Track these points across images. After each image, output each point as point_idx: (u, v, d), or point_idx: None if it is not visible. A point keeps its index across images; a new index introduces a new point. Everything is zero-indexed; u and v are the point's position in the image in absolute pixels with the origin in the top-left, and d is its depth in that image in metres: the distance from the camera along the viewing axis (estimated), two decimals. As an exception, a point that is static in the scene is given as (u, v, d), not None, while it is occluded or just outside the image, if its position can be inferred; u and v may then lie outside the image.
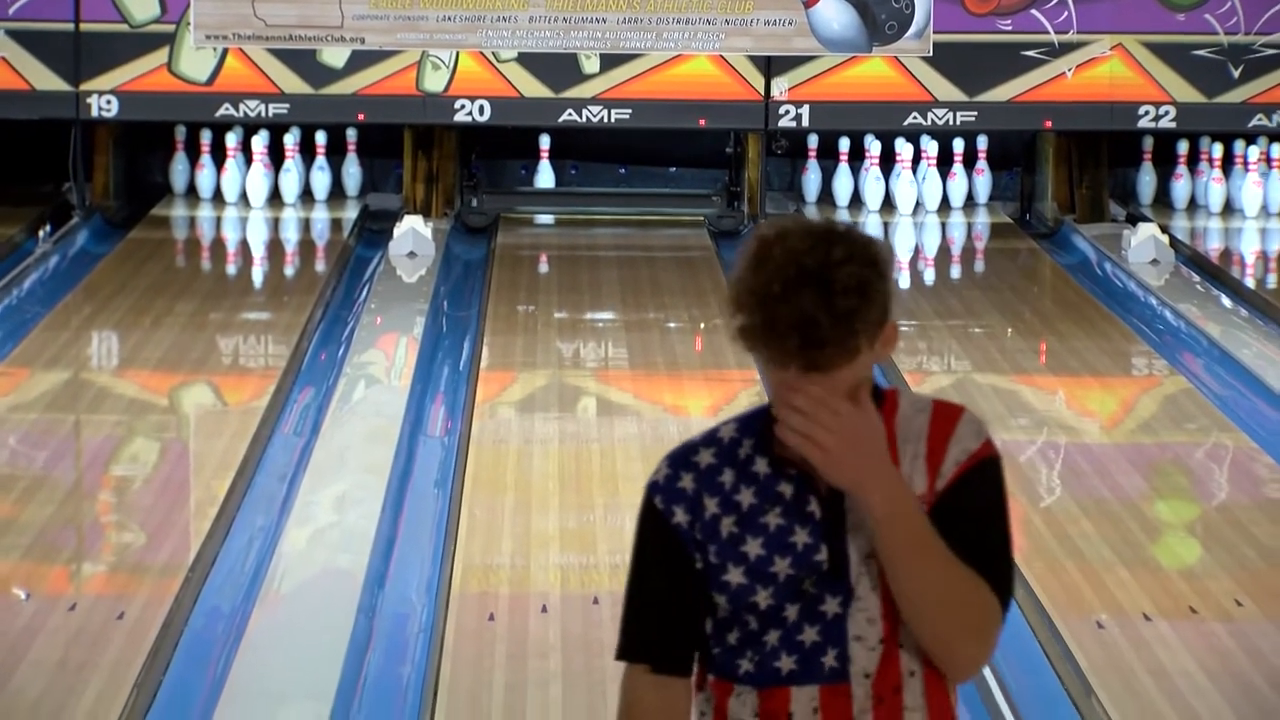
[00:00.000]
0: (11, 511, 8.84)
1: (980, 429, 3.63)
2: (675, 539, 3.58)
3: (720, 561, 3.53)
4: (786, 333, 3.40)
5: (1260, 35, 14.16)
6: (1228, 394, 10.82)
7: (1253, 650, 7.40)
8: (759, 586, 3.51)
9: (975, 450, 3.59)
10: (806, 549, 3.51)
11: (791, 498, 3.54)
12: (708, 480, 3.60)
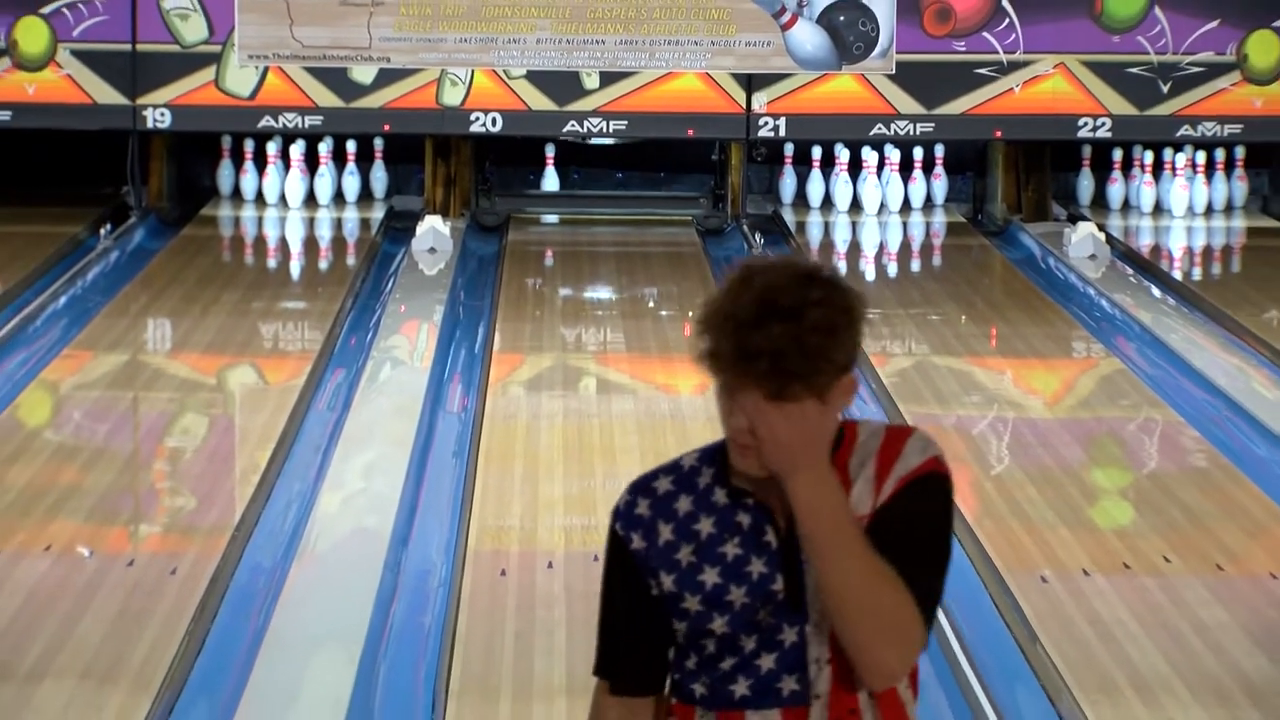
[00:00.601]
0: (76, 478, 8.83)
1: (926, 447, 3.43)
2: (634, 564, 3.41)
3: (678, 589, 3.35)
4: (757, 357, 3.23)
5: (1186, 55, 14.15)
6: (1157, 374, 10.81)
7: (1179, 601, 7.39)
8: (715, 614, 3.33)
9: (917, 466, 3.38)
10: (763, 579, 3.32)
11: (749, 528, 3.35)
12: (663, 507, 3.40)
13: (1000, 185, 14.79)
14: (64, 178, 14.75)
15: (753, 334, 3.22)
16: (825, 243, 14.38)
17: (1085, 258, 13.29)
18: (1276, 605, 7.39)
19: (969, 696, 6.47)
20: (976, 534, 8.01)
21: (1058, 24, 14.17)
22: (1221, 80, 14.22)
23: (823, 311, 3.25)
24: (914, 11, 14.07)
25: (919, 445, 3.42)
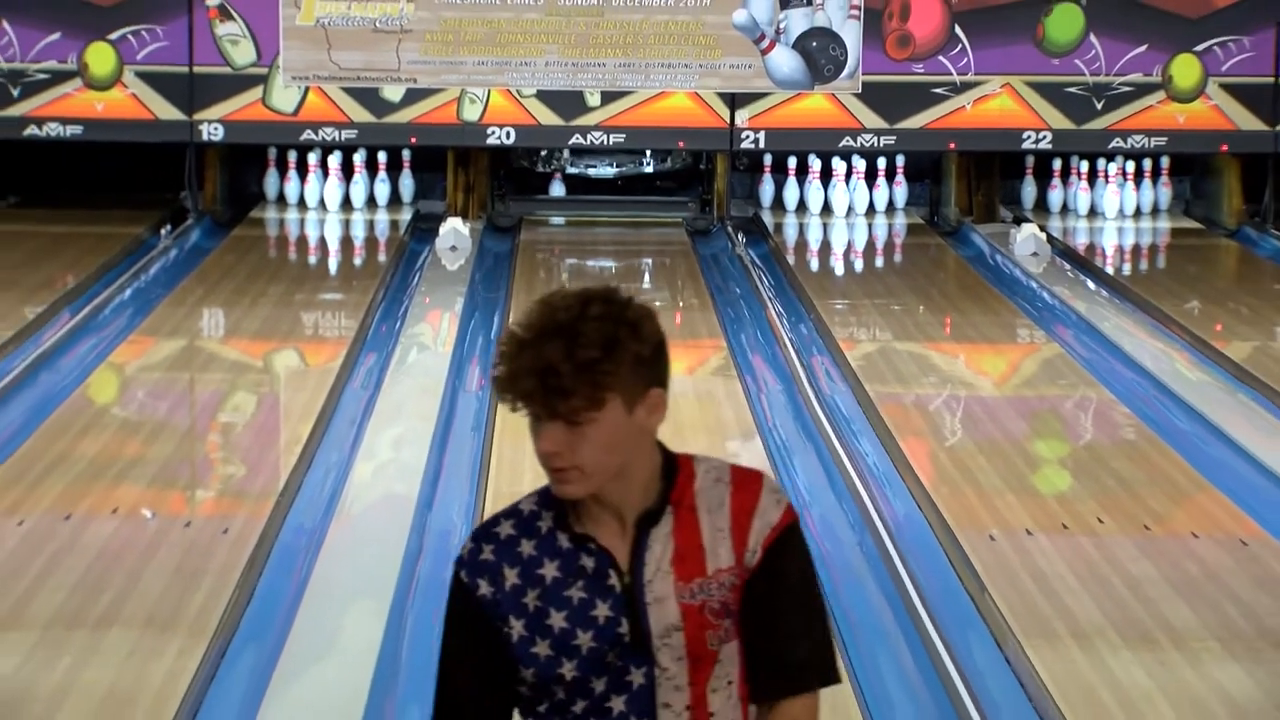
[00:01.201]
0: (139, 450, 8.82)
1: (779, 496, 3.18)
2: (481, 611, 3.10)
3: (528, 633, 3.07)
4: (526, 377, 2.98)
5: (1117, 76, 14.14)
6: (1092, 357, 10.81)
7: (1111, 558, 7.39)
8: (564, 659, 3.07)
9: (777, 521, 3.14)
10: (609, 622, 3.06)
11: (593, 571, 3.09)
12: (507, 551, 3.11)
13: (953, 191, 14.78)
14: (129, 185, 14.74)
15: (526, 353, 3.00)
16: (800, 242, 14.37)
17: (1028, 255, 13.29)
18: (1197, 561, 7.38)
19: (926, 643, 6.47)
20: (933, 498, 8.01)
21: (1004, 49, 14.16)
22: (1149, 98, 14.21)
23: (599, 326, 3.01)
24: (877, 38, 14.05)
25: (773, 497, 3.18)
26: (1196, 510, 8.10)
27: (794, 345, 10.72)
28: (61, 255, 13.07)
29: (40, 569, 7.10)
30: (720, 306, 12.04)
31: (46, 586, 6.92)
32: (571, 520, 3.12)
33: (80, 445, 8.80)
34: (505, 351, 3.02)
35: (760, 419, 9.49)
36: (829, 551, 7.50)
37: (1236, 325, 11.73)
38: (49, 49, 13.96)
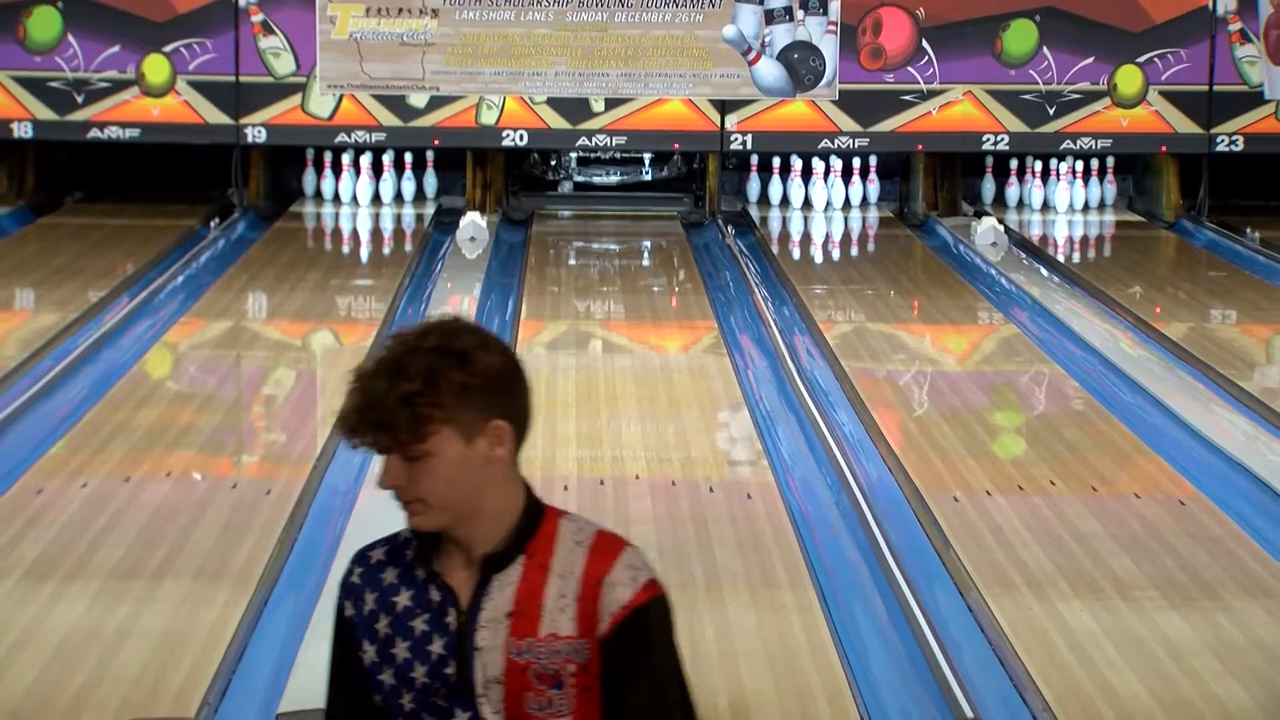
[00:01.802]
0: (191, 419, 8.82)
1: (636, 573, 2.82)
2: (347, 630, 2.91)
3: (378, 660, 2.87)
4: (353, 413, 2.75)
5: (1068, 85, 14.12)
6: (1045, 337, 10.80)
7: (1062, 516, 7.40)
8: (404, 690, 2.84)
9: (628, 600, 2.79)
10: (440, 660, 2.82)
11: (436, 607, 2.84)
12: (372, 576, 2.90)
13: (921, 187, 14.77)
14: (181, 182, 14.73)
15: (356, 389, 2.78)
16: (783, 233, 14.35)
17: (988, 245, 13.28)
18: (1139, 518, 7.38)
19: (897, 593, 6.46)
20: (902, 463, 8.02)
21: (966, 61, 14.14)
22: (1096, 105, 14.19)
23: (424, 358, 2.76)
24: (853, 50, 14.04)
25: (630, 572, 2.83)
26: (1138, 473, 8.10)
27: (778, 326, 10.71)
28: (121, 245, 13.06)
29: (102, 526, 7.10)
30: (711, 291, 12.03)
31: (108, 542, 6.92)
32: (430, 553, 2.89)
33: (138, 415, 8.80)
34: (347, 389, 2.79)
35: (747, 392, 9.48)
36: (810, 512, 7.50)
37: (1174, 308, 11.73)
38: (110, 60, 13.94)
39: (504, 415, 2.84)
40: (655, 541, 7.02)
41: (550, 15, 13.94)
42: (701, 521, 7.28)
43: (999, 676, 5.83)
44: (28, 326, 10.82)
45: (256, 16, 13.96)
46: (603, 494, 7.66)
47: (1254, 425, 8.75)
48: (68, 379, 9.36)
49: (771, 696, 5.61)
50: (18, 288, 11.93)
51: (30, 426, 8.51)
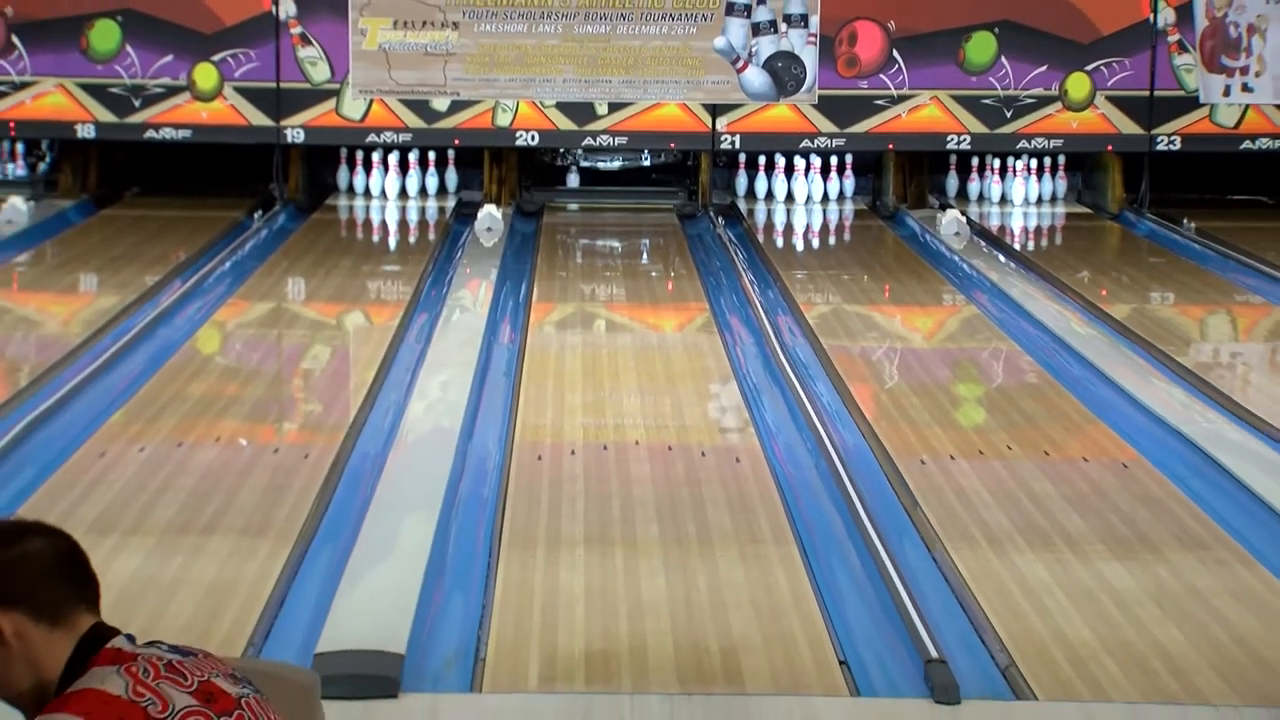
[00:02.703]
0: (237, 391, 8.83)
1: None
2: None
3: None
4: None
5: (1023, 90, 14.13)
6: (1003, 317, 10.80)
7: (1018, 477, 7.40)
8: None
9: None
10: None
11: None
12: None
13: (891, 183, 14.76)
14: (228, 178, 14.72)
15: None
16: (768, 224, 14.34)
17: (952, 235, 13.28)
18: (1087, 480, 7.39)
19: (870, 547, 6.45)
20: (875, 430, 8.02)
21: (932, 69, 14.13)
22: (1048, 108, 14.19)
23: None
24: (831, 59, 14.02)
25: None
26: (1086, 439, 8.10)
27: (763, 307, 10.71)
28: (174, 234, 13.06)
29: (157, 486, 7.10)
30: (704, 276, 12.03)
31: (162, 500, 6.93)
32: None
33: (189, 387, 8.81)
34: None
35: (736, 366, 9.48)
36: (792, 474, 7.50)
37: (1118, 291, 11.73)
38: (164, 68, 13.93)
39: (8, 602, 2.54)
40: (653, 501, 7.03)
41: (559, 28, 13.93)
42: (695, 483, 7.28)
43: (961, 621, 5.83)
44: (91, 307, 10.81)
45: (295, 29, 13.95)
46: (606, 458, 7.67)
47: (1189, 396, 8.75)
48: (126, 354, 9.36)
49: (758, 641, 5.61)
50: (81, 273, 11.94)
51: (93, 396, 8.51)
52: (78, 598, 2.63)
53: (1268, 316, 11.26)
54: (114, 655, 2.57)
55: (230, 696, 2.56)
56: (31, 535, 2.61)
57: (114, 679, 2.49)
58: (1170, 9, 14.16)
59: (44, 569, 2.59)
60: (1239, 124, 14.28)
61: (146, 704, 2.46)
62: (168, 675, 2.53)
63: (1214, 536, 6.72)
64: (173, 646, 2.68)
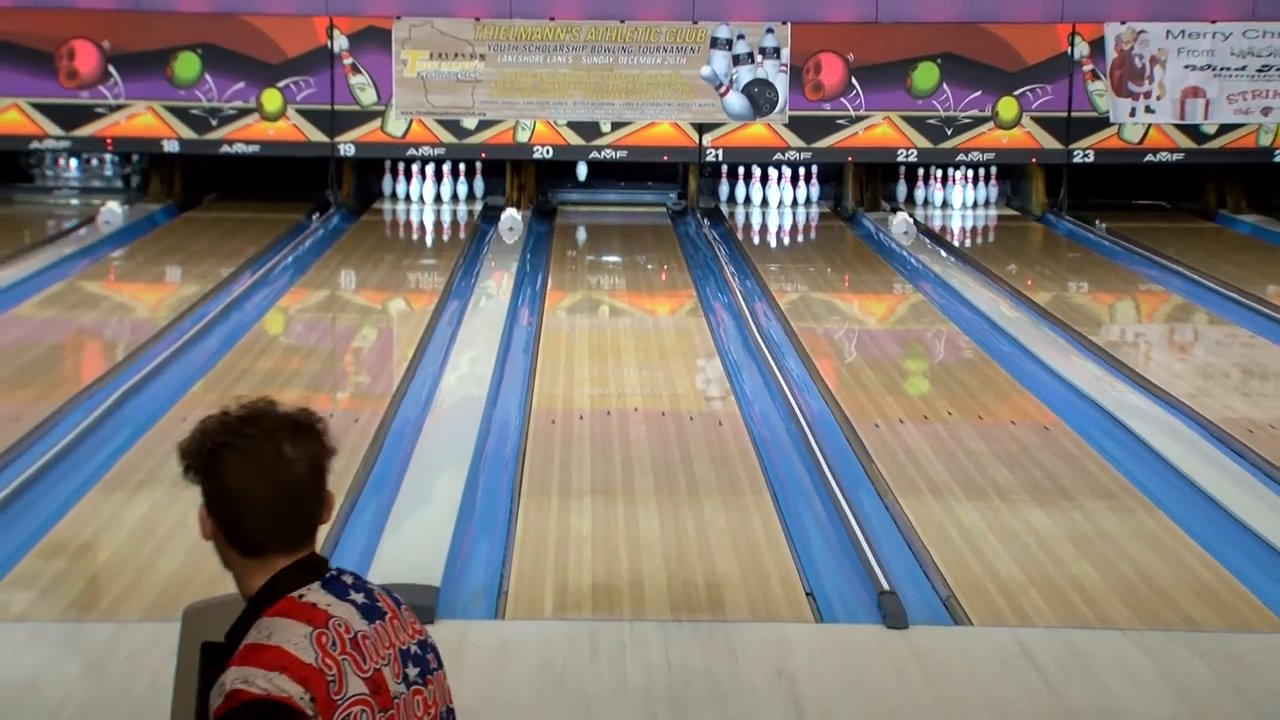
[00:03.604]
0: (298, 365, 8.82)
1: (223, 687, 2.23)
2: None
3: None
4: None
5: (961, 111, 14.09)
6: (944, 303, 10.79)
7: (956, 438, 7.40)
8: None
9: (214, 708, 2.24)
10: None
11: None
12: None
13: (850, 189, 14.72)
14: (290, 186, 14.68)
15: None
16: (746, 224, 14.31)
17: (901, 234, 13.24)
18: (1014, 440, 7.38)
19: (832, 497, 6.45)
20: (836, 398, 8.01)
21: (885, 93, 14.09)
22: (983, 127, 14.15)
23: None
24: (799, 86, 13.99)
25: (220, 686, 2.25)
26: (1014, 406, 8.09)
27: (741, 294, 10.69)
28: (245, 233, 13.03)
29: (230, 446, 7.08)
30: (692, 268, 12.01)
31: (235, 458, 6.90)
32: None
33: (258, 362, 8.80)
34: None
35: (719, 344, 9.46)
36: (766, 435, 7.48)
37: (1041, 281, 11.71)
38: (237, 93, 13.89)
39: (206, 500, 2.38)
40: (649, 458, 7.02)
41: (570, 58, 13.91)
42: (684, 443, 7.27)
43: (908, 559, 5.83)
44: (175, 295, 10.79)
45: (347, 60, 13.91)
46: (609, 422, 7.65)
47: (1101, 369, 8.74)
48: (205, 334, 9.34)
49: (737, 576, 5.61)
50: (167, 265, 11.92)
51: (178, 370, 8.50)
52: (269, 542, 2.36)
53: (1166, 302, 11.25)
54: (309, 614, 2.29)
55: (389, 694, 2.31)
56: (263, 475, 2.33)
57: (306, 647, 2.25)
58: (1085, 43, 14.12)
59: (248, 506, 2.35)
60: (1143, 140, 14.26)
61: (330, 678, 2.24)
62: (351, 652, 2.28)
63: (1121, 488, 6.72)
64: (368, 593, 2.37)
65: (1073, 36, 14.15)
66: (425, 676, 2.38)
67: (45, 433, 7.19)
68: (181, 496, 6.35)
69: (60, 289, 10.81)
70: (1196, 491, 6.56)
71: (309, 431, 2.38)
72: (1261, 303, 10.56)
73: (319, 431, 2.40)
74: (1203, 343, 10.02)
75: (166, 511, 6.17)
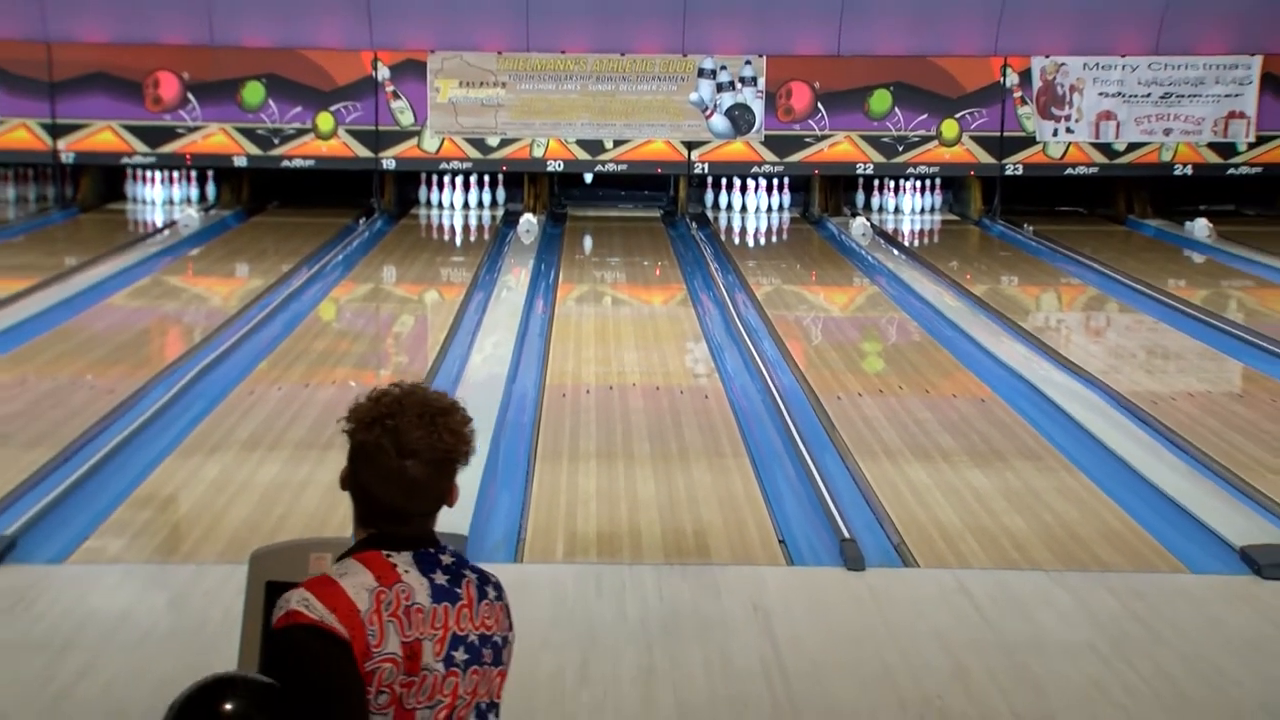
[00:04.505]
0: (347, 346, 8.79)
1: (285, 603, 2.14)
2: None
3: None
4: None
5: (911, 131, 14.05)
6: (895, 293, 10.77)
7: (906, 409, 7.38)
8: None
9: (274, 621, 2.15)
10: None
11: None
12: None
13: (817, 197, 14.68)
14: (340, 195, 14.64)
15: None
16: (728, 227, 14.27)
17: (859, 235, 13.20)
18: (955, 410, 7.37)
19: (801, 459, 6.43)
20: (805, 375, 7.99)
21: (846, 115, 14.05)
22: (929, 145, 14.12)
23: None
24: (773, 109, 13.95)
25: (284, 601, 2.15)
26: (955, 381, 8.08)
27: (724, 287, 10.67)
28: (302, 235, 13.00)
29: (290, 416, 7.07)
30: (682, 265, 11.99)
31: (294, 425, 6.90)
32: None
33: (313, 343, 8.77)
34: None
35: (705, 329, 9.45)
36: (745, 406, 7.47)
37: (978, 275, 11.69)
38: (295, 115, 13.86)
39: (348, 466, 2.27)
40: (645, 426, 7.01)
41: (578, 86, 13.87)
42: (675, 413, 7.26)
43: (865, 512, 5.82)
44: (243, 287, 10.77)
45: (389, 88, 13.88)
46: (612, 396, 7.64)
47: (1029, 350, 8.73)
48: (268, 321, 9.32)
49: (720, 526, 5.60)
50: (236, 262, 11.89)
51: (245, 351, 8.48)
52: (385, 521, 2.25)
53: (1083, 294, 11.24)
54: (382, 570, 2.18)
55: (421, 664, 2.17)
56: (385, 480, 2.22)
57: (365, 597, 2.14)
58: (1015, 74, 14.09)
59: (370, 494, 2.25)
60: (1064, 156, 14.24)
61: (371, 631, 2.12)
62: (400, 616, 2.16)
63: (1045, 450, 6.71)
64: (455, 578, 2.24)
65: (1005, 68, 14.12)
66: (471, 666, 2.22)
67: (134, 404, 7.18)
68: (248, 459, 6.34)
69: (146, 283, 10.80)
70: (1108, 453, 6.56)
71: (444, 453, 2.29)
72: (1163, 294, 10.57)
73: (452, 442, 2.29)
74: (1114, 328, 10.01)
75: (236, 472, 6.16)
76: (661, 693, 4.08)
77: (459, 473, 2.34)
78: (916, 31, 14.08)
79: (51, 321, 9.20)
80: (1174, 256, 12.71)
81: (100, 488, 5.91)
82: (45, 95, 13.81)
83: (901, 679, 4.22)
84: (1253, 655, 4.45)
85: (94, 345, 8.62)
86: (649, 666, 4.24)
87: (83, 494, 5.80)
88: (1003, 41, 14.19)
